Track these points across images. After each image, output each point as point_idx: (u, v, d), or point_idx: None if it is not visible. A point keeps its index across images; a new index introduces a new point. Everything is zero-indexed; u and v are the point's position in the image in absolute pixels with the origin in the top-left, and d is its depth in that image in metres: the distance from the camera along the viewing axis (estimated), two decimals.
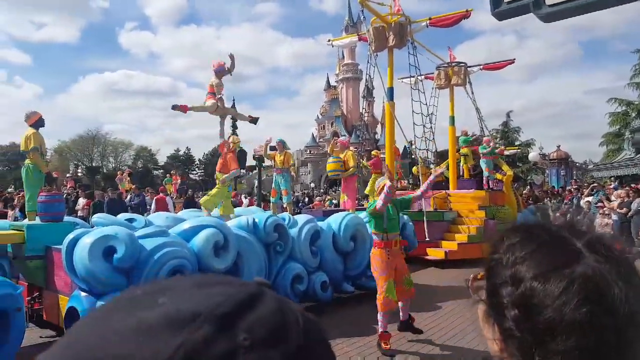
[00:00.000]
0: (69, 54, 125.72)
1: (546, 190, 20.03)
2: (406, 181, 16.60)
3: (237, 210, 8.81)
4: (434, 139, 13.61)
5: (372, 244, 7.47)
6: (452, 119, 14.98)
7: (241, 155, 22.83)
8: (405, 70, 13.08)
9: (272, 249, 6.18)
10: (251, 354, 0.36)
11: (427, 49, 14.07)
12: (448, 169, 14.53)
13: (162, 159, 62.05)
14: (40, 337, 5.62)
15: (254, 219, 6.17)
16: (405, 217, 8.25)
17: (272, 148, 9.10)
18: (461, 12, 12.40)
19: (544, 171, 29.19)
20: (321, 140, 55.09)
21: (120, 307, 0.39)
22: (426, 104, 13.23)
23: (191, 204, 15.82)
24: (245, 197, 18.12)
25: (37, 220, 5.87)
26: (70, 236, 4.88)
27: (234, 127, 25.43)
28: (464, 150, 14.39)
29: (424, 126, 13.10)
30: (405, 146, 14.95)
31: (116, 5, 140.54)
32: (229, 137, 8.53)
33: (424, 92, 13.11)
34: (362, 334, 5.41)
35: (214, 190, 8.12)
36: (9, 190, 19.73)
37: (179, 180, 21.43)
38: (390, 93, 11.78)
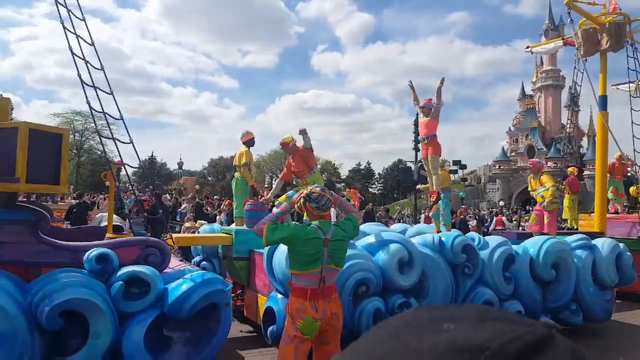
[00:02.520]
0: (268, 77, 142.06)
1: None
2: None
3: (418, 227, 8.62)
4: None
5: (577, 274, 6.63)
6: None
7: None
8: (619, 75, 11.35)
9: (460, 271, 5.81)
10: None
11: None
12: None
13: (344, 172, 65.47)
14: (241, 331, 6.24)
15: (440, 238, 5.92)
16: (621, 245, 7.07)
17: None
18: None
19: None
20: (513, 154, 51.29)
21: (408, 327, 0.41)
22: None
23: (370, 217, 16.18)
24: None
25: (244, 226, 6.58)
26: None
27: (414, 132, 25.18)
28: None
29: None
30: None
31: (310, 30, 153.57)
32: None
33: None
34: None
35: None
36: (215, 197, 23.00)
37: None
38: (603, 102, 10.29)
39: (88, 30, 5.34)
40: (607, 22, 10.11)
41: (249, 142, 7.58)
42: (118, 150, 5.30)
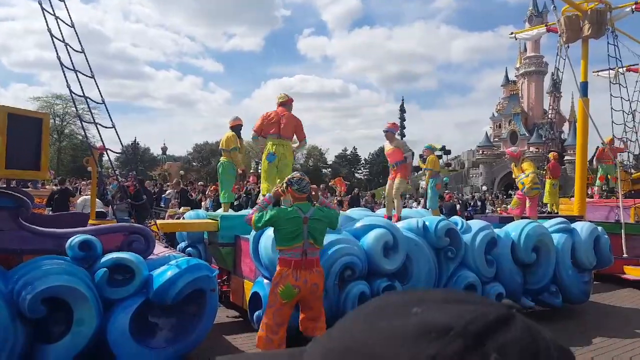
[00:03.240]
0: (254, 61, 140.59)
1: None
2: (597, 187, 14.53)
3: (405, 211, 8.69)
4: (637, 139, 11.72)
5: (557, 257, 6.78)
6: None
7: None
8: (600, 62, 11.68)
9: (443, 255, 5.89)
10: None
11: (632, 38, 12.21)
12: None
13: (330, 158, 65.33)
14: (227, 316, 6.25)
15: (424, 222, 5.98)
16: (599, 228, 7.24)
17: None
18: None
19: None
20: (496, 139, 51.83)
21: (380, 312, 0.43)
22: (628, 100, 11.48)
23: (356, 202, 16.29)
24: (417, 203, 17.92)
25: (230, 212, 6.56)
26: None
27: (400, 117, 25.22)
28: None
29: (625, 125, 11.41)
30: (597, 147, 13.12)
31: (297, 13, 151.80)
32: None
33: (625, 87, 11.41)
34: None
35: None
36: (200, 182, 22.91)
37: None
38: (584, 88, 10.46)
39: (68, 11, 5.19)
40: (589, 9, 10.25)
41: (236, 127, 7.51)
42: (100, 135, 5.20)
